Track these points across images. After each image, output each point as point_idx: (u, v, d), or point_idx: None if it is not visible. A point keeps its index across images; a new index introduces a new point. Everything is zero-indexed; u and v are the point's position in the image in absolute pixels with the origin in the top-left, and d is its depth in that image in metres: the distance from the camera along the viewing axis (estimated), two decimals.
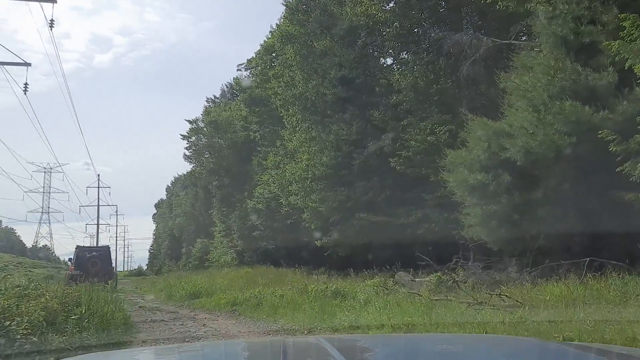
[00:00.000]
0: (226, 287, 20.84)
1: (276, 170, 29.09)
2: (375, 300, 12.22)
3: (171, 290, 21.27)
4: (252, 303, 15.01)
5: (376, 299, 12.69)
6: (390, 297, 12.37)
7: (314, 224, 24.92)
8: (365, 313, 11.25)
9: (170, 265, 66.60)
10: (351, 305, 12.71)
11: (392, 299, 12.04)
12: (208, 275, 28.54)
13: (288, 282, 21.44)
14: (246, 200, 34.62)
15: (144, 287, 28.60)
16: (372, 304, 12.01)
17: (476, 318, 8.51)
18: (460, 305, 9.96)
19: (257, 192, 31.89)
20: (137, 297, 22.50)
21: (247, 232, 34.69)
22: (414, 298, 11.59)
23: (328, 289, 15.45)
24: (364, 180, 22.85)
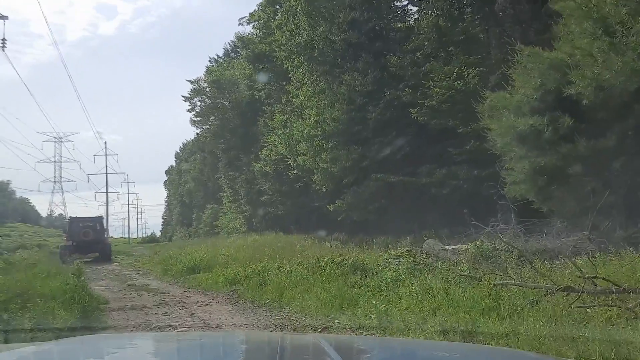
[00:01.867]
0: (229, 259, 17.98)
1: (283, 130, 25.95)
2: (409, 281, 9.22)
3: (168, 264, 18.46)
4: (254, 282, 12.08)
5: (407, 277, 9.69)
6: (425, 276, 9.37)
7: (325, 187, 21.90)
8: (398, 300, 8.29)
9: (182, 232, 64.05)
10: (376, 286, 9.75)
11: (429, 278, 9.03)
12: (212, 245, 25.76)
13: (298, 252, 18.66)
14: (253, 163, 31.60)
15: (146, 257, 25.96)
16: (404, 285, 9.04)
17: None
18: (538, 292, 6.91)
19: (263, 154, 28.82)
20: (132, 272, 19.77)
21: (254, 197, 31.80)
22: (462, 280, 8.58)
23: (345, 262, 12.50)
24: (381, 135, 19.69)
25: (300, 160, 22.47)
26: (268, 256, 17.26)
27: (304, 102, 22.75)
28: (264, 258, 16.98)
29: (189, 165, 63.17)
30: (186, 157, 67.11)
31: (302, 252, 18.52)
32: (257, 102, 33.28)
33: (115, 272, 19.81)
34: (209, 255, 18.88)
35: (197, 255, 18.80)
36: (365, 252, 15.48)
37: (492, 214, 15.30)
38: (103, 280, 17.23)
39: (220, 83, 35.33)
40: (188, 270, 16.82)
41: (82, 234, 27.39)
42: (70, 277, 11.25)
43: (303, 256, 16.53)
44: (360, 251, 16.21)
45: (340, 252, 17.81)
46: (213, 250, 20.94)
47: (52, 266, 20.45)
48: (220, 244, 25.97)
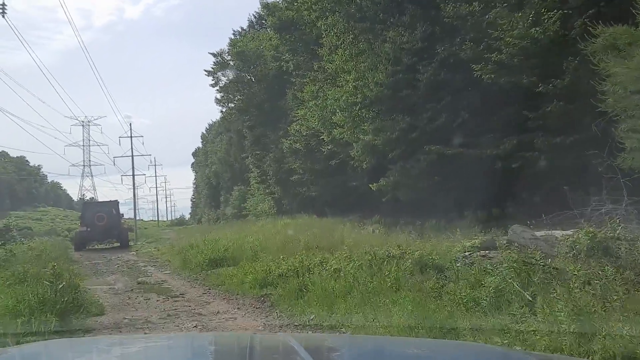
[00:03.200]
0: (258, 249, 14.99)
1: (315, 101, 22.68)
2: (521, 293, 6.00)
3: (188, 254, 15.49)
4: (292, 285, 8.96)
5: (521, 285, 6.44)
6: (555, 286, 6.11)
7: (365, 163, 18.62)
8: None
9: (210, 214, 61.55)
10: (471, 299, 6.56)
11: (562, 291, 5.79)
12: (239, 230, 22.80)
13: (338, 240, 15.63)
14: (281, 140, 28.45)
15: (167, 244, 23.17)
16: (519, 300, 5.83)
17: None
18: None
19: (293, 129, 25.61)
20: (149, 263, 16.91)
21: (284, 177, 28.67)
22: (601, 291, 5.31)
23: (407, 256, 9.32)
24: (434, 100, 16.29)
25: (337, 133, 19.20)
26: (304, 246, 14.25)
27: (339, 66, 19.38)
28: (299, 248, 13.99)
29: (214, 146, 60.44)
30: (212, 138, 64.39)
31: (343, 239, 15.50)
32: (284, 74, 29.98)
33: (130, 263, 16.97)
34: (234, 244, 15.90)
35: (221, 244, 15.81)
36: (423, 239, 12.28)
37: (582, 192, 11.97)
38: (113, 274, 14.38)
39: (245, 55, 32.11)
40: (210, 263, 13.84)
41: (96, 219, 24.94)
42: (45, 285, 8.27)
43: (347, 246, 13.50)
44: (419, 239, 13.10)
45: (389, 240, 14.78)
46: (239, 237, 17.98)
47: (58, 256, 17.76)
48: (247, 229, 23.00)
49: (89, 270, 15.41)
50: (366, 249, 12.42)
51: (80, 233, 25.27)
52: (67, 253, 19.38)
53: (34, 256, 16.42)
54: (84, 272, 14.75)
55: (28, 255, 16.65)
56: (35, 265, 14.52)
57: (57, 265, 14.94)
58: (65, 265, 15.24)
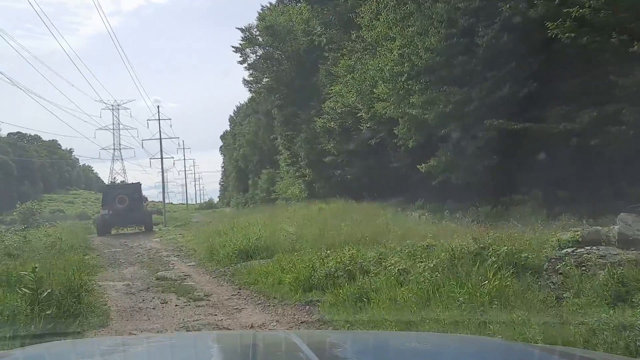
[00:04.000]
0: (294, 237, 12.98)
1: (352, 75, 20.42)
2: None
3: (216, 244, 13.49)
4: (346, 291, 6.84)
5: None
6: None
7: (412, 141, 16.35)
8: None
9: (238, 198, 59.93)
10: (623, 325, 4.39)
11: None
12: (270, 215, 20.81)
13: (383, 227, 13.61)
14: (313, 119, 26.32)
15: (193, 230, 21.33)
16: None
17: None
18: None
19: (327, 107, 23.41)
20: (172, 252, 15.02)
21: (316, 159, 26.55)
22: None
23: (490, 252, 7.14)
24: (495, 68, 13.90)
25: (379, 108, 16.95)
26: (346, 235, 12.22)
27: (381, 33, 17.07)
28: (341, 237, 11.99)
29: (242, 128, 58.62)
30: (240, 121, 62.58)
31: (388, 228, 13.44)
32: (316, 49, 27.73)
33: (152, 252, 15.11)
34: (266, 232, 13.90)
35: (251, 231, 13.82)
36: (497, 233, 10.06)
37: None
38: (131, 266, 12.51)
39: (274, 30, 29.86)
40: (240, 254, 11.85)
41: (117, 202, 23.37)
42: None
43: (395, 236, 11.46)
44: (469, 226, 11.03)
45: (442, 230, 12.76)
46: (272, 224, 16.00)
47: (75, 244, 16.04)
48: (279, 214, 21.01)
49: (105, 260, 13.62)
50: (418, 239, 10.41)
51: (102, 217, 23.74)
52: (86, 239, 17.70)
53: (49, 244, 14.73)
54: (99, 263, 12.95)
55: (42, 243, 14.97)
56: (44, 255, 12.81)
57: (71, 255, 13.26)
58: (79, 255, 13.51)
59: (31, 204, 30.22)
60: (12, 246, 14.49)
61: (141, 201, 25.14)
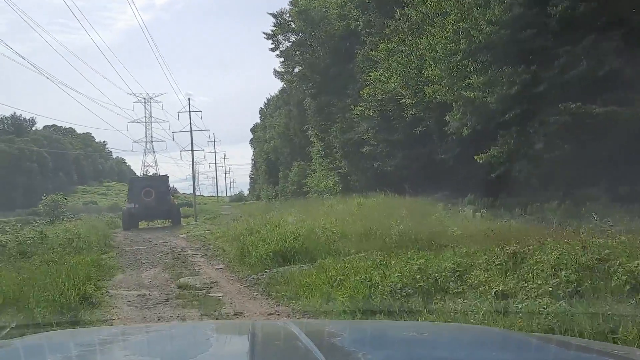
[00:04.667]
0: (335, 236, 11.19)
1: (395, 57, 18.44)
2: None
3: (247, 243, 11.74)
4: (428, 318, 5.00)
5: None
6: None
7: (467, 128, 14.33)
8: None
9: (269, 191, 58.52)
10: None
11: None
12: (305, 209, 19.06)
13: (437, 226, 11.86)
14: (350, 108, 24.44)
15: (223, 223, 19.73)
16: None
17: None
18: None
19: (365, 93, 21.48)
20: (198, 252, 13.34)
21: (352, 150, 24.68)
22: None
23: (614, 266, 5.21)
24: (569, 42, 11.80)
25: (429, 91, 14.96)
26: (398, 235, 10.42)
27: (431, 9, 15.06)
28: (391, 237, 10.21)
29: (273, 120, 57.06)
30: (270, 113, 61.06)
31: (444, 227, 11.66)
32: (352, 34, 25.80)
33: (177, 251, 13.46)
34: (303, 229, 12.13)
35: (287, 229, 12.06)
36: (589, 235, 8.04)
37: None
38: (151, 268, 10.89)
39: (308, 14, 27.99)
40: (275, 257, 10.09)
41: (143, 195, 21.97)
42: None
43: (461, 239, 9.70)
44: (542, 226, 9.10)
45: (507, 230, 10.92)
46: (308, 220, 14.25)
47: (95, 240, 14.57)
48: (314, 209, 19.25)
49: (125, 260, 12.06)
50: (484, 241, 8.61)
51: (127, 210, 22.32)
52: (108, 235, 16.25)
53: (66, 240, 13.26)
54: (117, 264, 11.38)
55: (59, 240, 13.52)
56: (58, 254, 11.32)
57: (85, 255, 11.72)
58: (96, 254, 11.98)
59: (56, 196, 29.02)
60: (26, 242, 13.10)
61: (168, 194, 23.68)
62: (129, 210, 22.07)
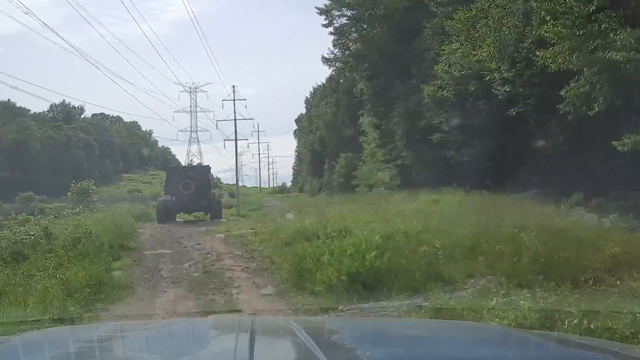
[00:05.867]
0: (434, 251, 7.64)
1: (485, 21, 14.59)
2: None
3: (306, 257, 8.19)
4: None
5: None
6: None
7: (599, 103, 10.37)
8: None
9: (313, 183, 55.07)
10: None
11: None
12: (366, 206, 15.48)
13: (570, 235, 8.22)
14: (415, 90, 20.73)
15: (269, 221, 16.32)
16: None
17: None
18: None
19: (440, 70, 17.67)
20: (239, 259, 9.90)
21: (418, 138, 20.92)
22: None
23: None
24: None
25: (543, 57, 11.05)
26: (527, 252, 6.77)
27: None
28: (521, 257, 6.60)
29: (319, 110, 53.58)
30: (317, 102, 57.57)
31: (589, 243, 7.94)
32: (418, 6, 21.99)
33: (211, 259, 10.04)
34: (380, 236, 8.59)
35: (359, 238, 8.49)
36: None
37: None
38: (174, 287, 7.59)
39: None
40: (351, 281, 6.58)
41: (181, 187, 19.00)
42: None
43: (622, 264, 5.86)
44: None
45: None
46: (376, 221, 10.75)
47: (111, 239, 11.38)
48: (379, 206, 15.68)
49: (141, 271, 8.78)
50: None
51: (163, 202, 19.40)
52: (131, 231, 13.09)
53: (72, 241, 10.13)
54: (127, 280, 8.12)
55: (65, 239, 10.42)
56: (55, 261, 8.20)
57: (90, 264, 8.53)
58: (104, 261, 8.77)
59: (87, 184, 26.22)
60: (23, 242, 10.05)
61: (209, 187, 20.53)
62: (165, 202, 19.21)
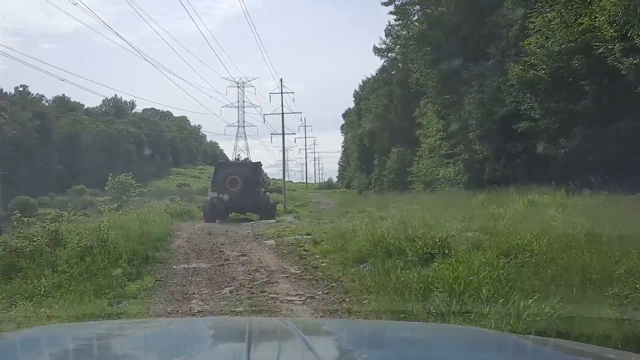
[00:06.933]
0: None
1: None
2: None
3: (402, 287, 5.38)
4: None
5: None
6: None
7: None
8: None
9: (361, 179, 51.97)
10: None
11: None
12: (446, 209, 12.41)
13: None
14: (493, 73, 17.51)
15: (327, 224, 13.58)
16: None
17: None
18: None
19: (532, 45, 14.38)
20: (294, 283, 7.12)
21: (496, 127, 17.66)
22: None
23: None
24: None
25: None
26: None
27: None
28: None
29: (369, 103, 50.44)
30: (366, 95, 54.46)
31: None
32: None
33: (260, 278, 7.16)
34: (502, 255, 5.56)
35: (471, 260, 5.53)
36: None
37: None
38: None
39: None
40: None
41: (228, 183, 16.75)
42: None
43: None
44: None
45: None
46: (480, 231, 7.75)
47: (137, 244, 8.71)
48: (460, 207, 12.63)
49: (162, 299, 6.11)
50: None
51: (210, 201, 17.22)
52: (162, 235, 10.51)
53: (79, 252, 7.64)
54: (139, 313, 5.48)
55: (74, 246, 7.94)
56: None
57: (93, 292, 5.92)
58: (114, 285, 6.17)
59: (125, 177, 24.01)
60: (20, 252, 7.63)
61: (258, 185, 18.04)
62: (212, 200, 17.01)
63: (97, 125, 70.28)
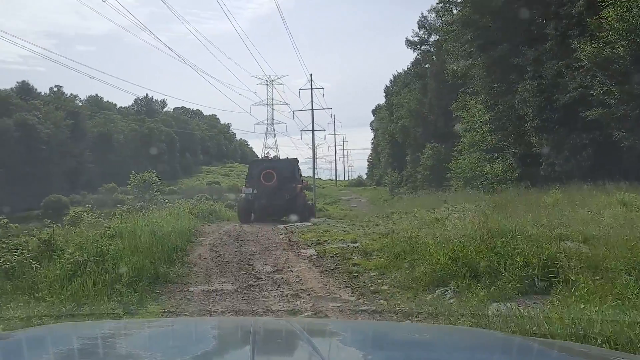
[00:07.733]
0: None
1: None
2: None
3: None
4: None
5: None
6: None
7: None
8: None
9: (393, 176, 49.73)
10: None
11: None
12: (515, 212, 10.32)
13: None
14: (552, 56, 15.22)
15: (373, 229, 11.53)
16: None
17: None
18: None
19: (610, 17, 12.08)
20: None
21: (558, 117, 15.38)
22: None
23: None
24: None
25: None
26: None
27: None
28: None
29: (401, 98, 48.14)
30: (398, 90, 52.17)
31: None
32: None
33: (303, 308, 5.55)
34: None
35: None
36: None
37: None
38: None
39: None
40: None
41: (262, 179, 15.17)
42: None
43: None
44: None
45: None
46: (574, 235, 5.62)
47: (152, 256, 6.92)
48: (529, 208, 10.50)
49: None
50: None
51: (245, 198, 15.64)
52: (181, 243, 8.69)
53: (74, 266, 5.86)
54: None
55: (66, 260, 6.17)
56: None
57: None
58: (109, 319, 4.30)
59: (148, 174, 22.40)
60: (7, 265, 5.94)
61: (294, 180, 16.33)
62: (246, 197, 15.45)
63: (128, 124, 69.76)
